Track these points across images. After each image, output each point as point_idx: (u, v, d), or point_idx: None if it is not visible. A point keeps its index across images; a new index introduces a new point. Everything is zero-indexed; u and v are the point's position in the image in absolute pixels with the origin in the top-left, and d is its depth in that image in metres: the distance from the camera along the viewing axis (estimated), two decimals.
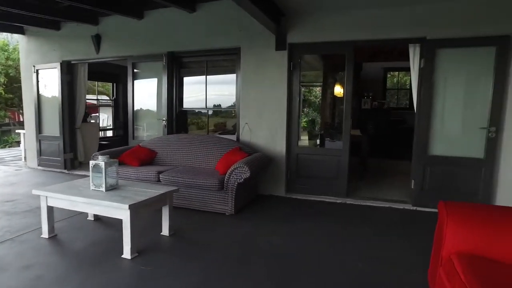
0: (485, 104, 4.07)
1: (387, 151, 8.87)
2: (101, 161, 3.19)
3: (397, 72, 10.76)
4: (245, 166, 3.99)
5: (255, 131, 5.08)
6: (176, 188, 3.56)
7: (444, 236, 1.99)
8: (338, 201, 4.73)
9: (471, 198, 4.17)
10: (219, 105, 6.07)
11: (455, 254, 1.93)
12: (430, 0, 4.10)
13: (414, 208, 4.42)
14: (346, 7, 4.46)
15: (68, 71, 6.59)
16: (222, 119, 7.29)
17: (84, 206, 3.17)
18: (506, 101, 3.97)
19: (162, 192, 3.30)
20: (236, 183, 4.05)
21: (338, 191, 4.83)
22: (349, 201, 4.73)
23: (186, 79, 6.06)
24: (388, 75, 10.61)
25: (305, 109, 11.34)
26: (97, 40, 6.06)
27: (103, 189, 3.21)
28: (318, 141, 7.03)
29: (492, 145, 4.05)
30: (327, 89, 9.19)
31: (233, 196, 4.08)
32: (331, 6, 4.50)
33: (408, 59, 4.60)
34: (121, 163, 5.01)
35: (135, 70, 6.06)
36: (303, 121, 10.20)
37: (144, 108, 6.22)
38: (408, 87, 10.36)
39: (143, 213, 3.18)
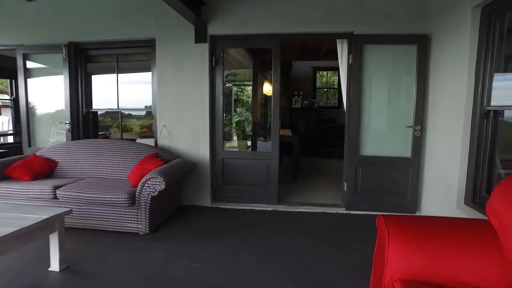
0: (411, 102, 3.99)
1: (318, 150, 8.85)
2: None
3: (325, 72, 10.88)
4: (159, 177, 3.38)
5: (175, 134, 4.47)
6: (69, 209, 2.82)
7: (386, 259, 1.65)
8: (269, 209, 4.35)
9: (401, 199, 4.07)
10: (138, 106, 5.32)
11: (399, 281, 1.59)
12: None
13: (348, 212, 4.21)
14: None
15: None
16: (149, 121, 6.56)
17: None
18: (427, 100, 3.92)
19: (45, 217, 2.56)
20: (149, 196, 3.42)
21: (269, 198, 4.44)
22: (280, 208, 4.38)
23: (96, 75, 5.23)
24: (318, 75, 10.67)
25: (238, 109, 10.99)
26: None
27: None
28: (249, 143, 6.65)
29: (418, 143, 3.98)
30: (258, 87, 8.88)
31: (147, 212, 3.45)
32: None
33: (335, 59, 4.41)
34: (7, 178, 4.06)
35: (31, 63, 5.03)
36: (235, 121, 9.77)
37: (51, 109, 5.18)
38: (336, 86, 10.52)
39: (8, 250, 2.39)
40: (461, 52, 3.25)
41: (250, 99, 9.16)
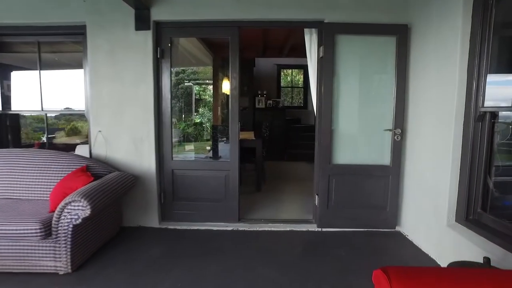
0: (390, 102, 3.48)
1: (284, 153, 8.29)
2: None
3: (290, 70, 10.38)
4: (82, 200, 2.60)
5: (112, 142, 3.67)
6: None
7: None
8: (228, 229, 3.67)
9: (380, 213, 3.56)
10: (68, 107, 4.44)
11: None
12: None
13: (320, 229, 3.63)
14: None
15: None
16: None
17: None
18: (407, 98, 3.43)
19: None
20: (70, 225, 2.63)
21: (228, 215, 3.77)
22: (242, 227, 3.71)
23: (20, 70, 4.30)
24: (282, 74, 10.15)
25: (200, 109, 10.21)
26: None
27: None
28: (209, 148, 5.92)
29: (398, 149, 3.48)
30: (218, 86, 8.17)
31: (68, 246, 2.65)
32: None
33: (301, 55, 3.81)
34: None
35: None
36: (194, 122, 8.99)
37: None
38: (301, 85, 10.05)
39: None
40: (449, 45, 2.76)
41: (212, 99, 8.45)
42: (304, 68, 9.55)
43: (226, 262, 2.90)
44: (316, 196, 3.66)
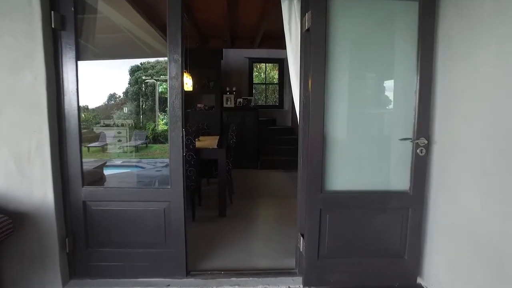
0: (409, 98, 2.34)
1: (258, 160, 7.11)
2: None
3: (264, 64, 9.20)
4: None
5: None
6: None
7: None
8: None
9: (395, 263, 2.41)
10: None
11: None
12: None
13: None
14: None
15: None
16: None
17: None
18: (435, 93, 2.30)
19: None
20: None
21: (171, 267, 2.51)
22: (192, 285, 2.47)
23: None
24: (255, 69, 8.97)
25: (167, 110, 8.85)
26: None
27: None
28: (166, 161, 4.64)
29: (422, 168, 2.35)
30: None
31: None
32: None
33: (275, 46, 2.74)
34: None
35: None
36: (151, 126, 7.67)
37: None
38: (276, 82, 8.90)
39: None
40: None
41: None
42: (280, 63, 8.41)
43: None
44: (301, 237, 2.47)
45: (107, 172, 6.78)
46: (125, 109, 10.15)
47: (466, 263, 2.02)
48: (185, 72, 4.96)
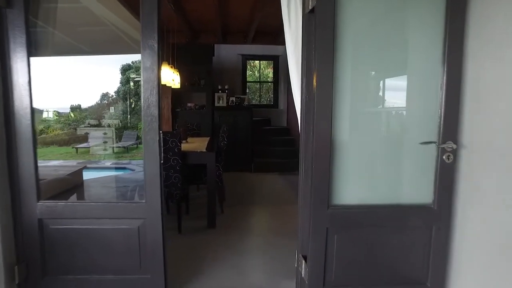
0: (433, 93, 1.95)
1: (251, 162, 6.70)
2: None
3: (258, 62, 8.80)
4: None
5: None
6: None
7: None
8: None
9: None
10: None
11: None
12: None
13: None
14: None
15: None
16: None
17: None
18: (465, 87, 1.91)
19: None
20: None
21: None
22: None
23: None
24: (248, 67, 8.56)
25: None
26: None
27: None
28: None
29: (448, 177, 1.95)
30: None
31: None
32: None
33: (269, 41, 2.63)
34: None
35: None
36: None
37: None
38: (271, 80, 8.49)
39: None
40: None
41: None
42: (274, 60, 8.00)
43: None
44: (303, 261, 2.06)
45: (90, 176, 6.33)
46: (112, 109, 9.69)
47: (493, 274, 1.63)
48: (171, 67, 4.54)
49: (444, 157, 1.91)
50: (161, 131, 1.95)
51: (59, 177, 3.23)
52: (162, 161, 1.99)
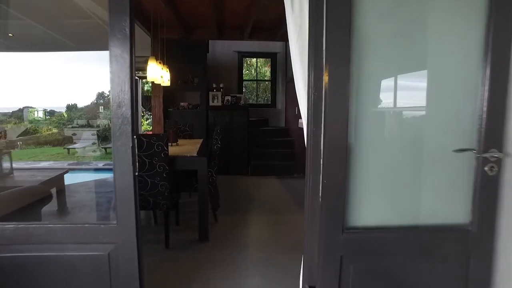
0: (471, 91, 1.58)
1: (248, 165, 6.34)
2: None
3: (255, 59, 8.43)
4: None
5: None
6: None
7: None
8: None
9: None
10: None
11: None
12: None
13: None
14: None
15: None
16: None
17: None
18: (510, 81, 1.54)
19: None
20: None
21: None
22: None
23: None
24: (245, 65, 8.19)
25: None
26: None
27: None
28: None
29: (491, 193, 1.59)
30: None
31: None
32: None
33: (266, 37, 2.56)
34: None
35: None
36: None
37: None
38: (269, 79, 8.13)
39: None
40: None
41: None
42: (272, 58, 7.64)
43: None
44: None
45: (77, 179, 5.91)
46: (101, 108, 9.26)
47: None
48: (160, 63, 4.16)
49: (486, 168, 1.54)
50: (135, 136, 1.57)
51: (30, 186, 2.85)
52: (137, 173, 1.61)
